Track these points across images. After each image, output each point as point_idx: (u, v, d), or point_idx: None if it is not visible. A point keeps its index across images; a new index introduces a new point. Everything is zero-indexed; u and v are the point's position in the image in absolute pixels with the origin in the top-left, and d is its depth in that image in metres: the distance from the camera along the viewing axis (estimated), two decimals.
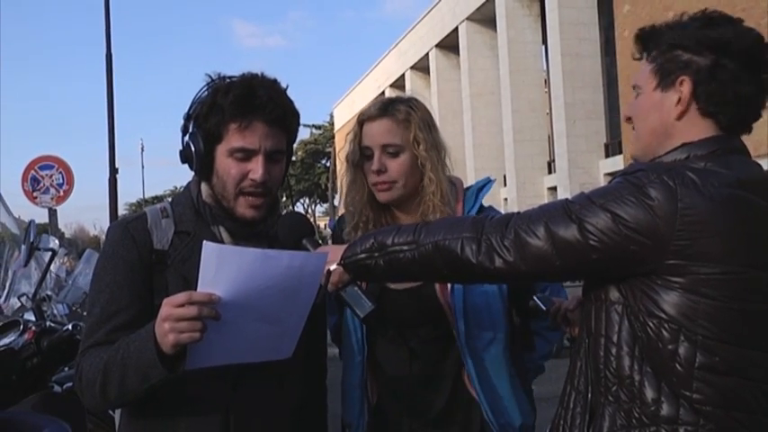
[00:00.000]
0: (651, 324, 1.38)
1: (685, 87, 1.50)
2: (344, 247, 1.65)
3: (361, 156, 2.07)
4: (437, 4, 31.25)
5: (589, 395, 1.50)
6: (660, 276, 1.37)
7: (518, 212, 1.51)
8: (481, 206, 2.10)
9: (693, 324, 1.36)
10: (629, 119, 1.62)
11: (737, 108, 1.50)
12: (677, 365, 1.37)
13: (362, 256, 1.60)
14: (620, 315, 1.44)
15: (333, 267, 1.63)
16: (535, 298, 1.88)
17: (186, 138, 1.75)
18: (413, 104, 2.06)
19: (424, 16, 32.85)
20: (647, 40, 1.59)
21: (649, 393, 1.40)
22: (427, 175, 2.03)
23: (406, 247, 1.55)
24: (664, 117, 1.53)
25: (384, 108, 2.05)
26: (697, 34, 1.50)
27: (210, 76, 1.75)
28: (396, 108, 2.04)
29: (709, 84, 1.48)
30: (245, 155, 1.70)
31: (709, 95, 1.49)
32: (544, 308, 1.85)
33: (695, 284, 1.35)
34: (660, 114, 1.53)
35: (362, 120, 2.07)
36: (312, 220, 54.38)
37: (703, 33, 1.50)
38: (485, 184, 2.15)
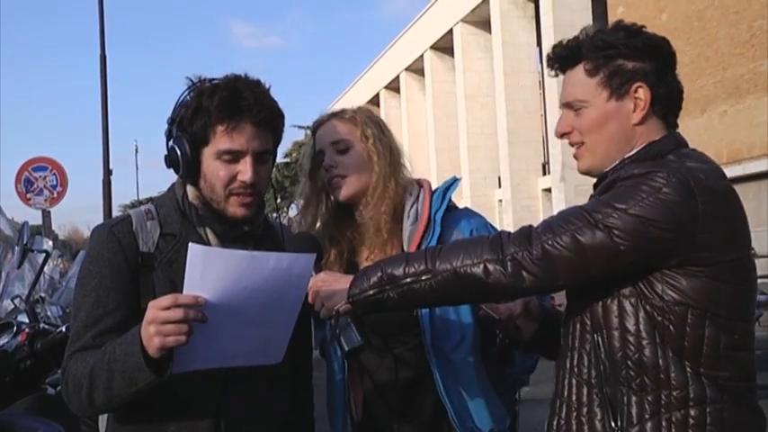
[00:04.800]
0: (678, 311, 1.45)
1: (643, 93, 1.57)
2: (348, 278, 1.64)
3: (314, 163, 2.10)
4: (432, 5, 31.27)
5: (605, 388, 1.52)
6: (683, 267, 1.45)
7: (532, 226, 1.53)
8: (451, 206, 2.10)
9: (717, 308, 1.45)
10: (565, 135, 1.66)
11: (678, 104, 1.62)
12: (705, 347, 1.45)
13: (372, 291, 1.58)
14: (635, 307, 1.48)
15: (340, 306, 1.62)
16: (484, 307, 1.84)
17: (171, 142, 1.75)
18: (359, 108, 2.14)
19: (419, 18, 32.85)
20: (569, 54, 1.63)
21: (676, 378, 1.46)
22: (375, 169, 2.05)
23: (423, 277, 1.54)
24: (623, 124, 1.59)
25: (333, 113, 2.13)
26: (631, 42, 1.58)
27: (191, 79, 1.74)
28: (344, 111, 2.13)
29: (659, 86, 1.57)
30: (234, 157, 1.70)
31: (662, 97, 1.58)
32: (496, 317, 1.82)
33: (717, 271, 1.45)
34: (619, 122, 1.59)
35: (314, 128, 2.13)
36: None
37: (638, 41, 1.58)
38: (451, 184, 2.15)
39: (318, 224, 2.13)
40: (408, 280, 1.55)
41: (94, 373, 1.56)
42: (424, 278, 1.54)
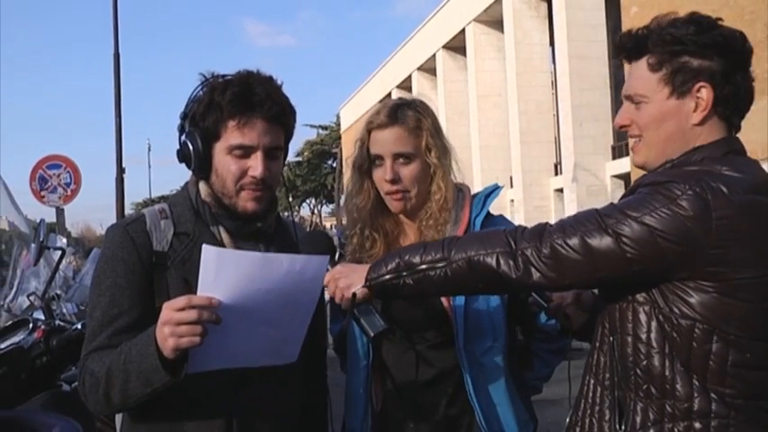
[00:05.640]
0: (684, 324, 1.43)
1: (706, 93, 1.52)
2: (365, 267, 1.66)
3: (369, 163, 2.06)
4: (444, 5, 31.24)
5: (616, 391, 1.53)
6: (694, 280, 1.42)
7: (549, 224, 1.53)
8: (489, 213, 2.09)
9: (727, 325, 1.41)
10: (624, 127, 1.62)
11: (747, 104, 1.56)
12: (711, 363, 1.43)
13: (389, 276, 1.60)
14: (648, 315, 1.47)
15: (358, 289, 1.63)
16: (534, 294, 1.85)
17: (183, 137, 1.75)
18: (421, 110, 2.05)
19: (432, 17, 32.83)
20: (635, 46, 1.59)
21: (682, 389, 1.44)
22: (436, 182, 2.03)
23: (439, 265, 1.56)
24: (682, 124, 1.54)
25: (393, 115, 2.02)
26: (700, 39, 1.52)
27: (204, 75, 1.75)
28: (405, 114, 2.02)
29: (725, 87, 1.52)
30: (245, 152, 1.70)
31: (727, 98, 1.52)
32: (546, 305, 1.84)
33: (730, 289, 1.41)
34: (678, 122, 1.55)
35: (371, 127, 2.05)
36: (318, 220, 54.38)
37: (707, 37, 1.52)
38: (492, 191, 2.13)
39: (361, 213, 2.11)
40: (424, 267, 1.57)
41: (111, 374, 1.57)
42: (439, 266, 1.56)
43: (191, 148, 1.72)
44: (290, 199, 2.22)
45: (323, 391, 2.00)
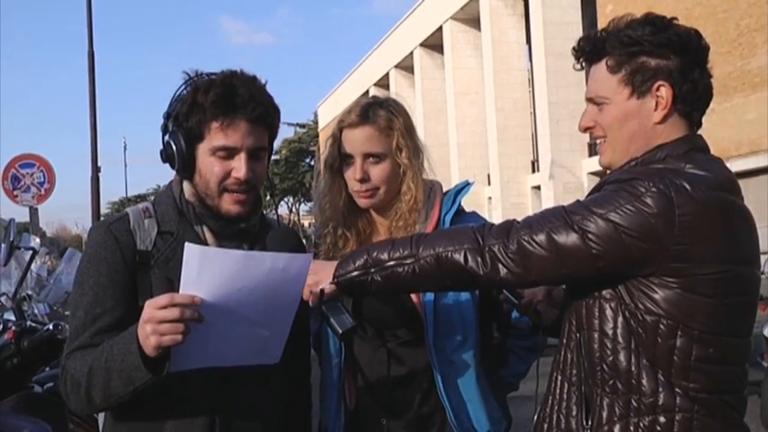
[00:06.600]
0: (649, 320, 1.45)
1: (665, 92, 1.55)
2: (334, 264, 1.66)
3: (340, 161, 2.06)
4: (421, 2, 31.27)
5: (583, 387, 1.54)
6: (658, 277, 1.44)
7: (516, 221, 1.55)
8: (460, 210, 2.10)
9: (691, 320, 1.44)
10: (588, 129, 1.66)
11: (705, 101, 1.59)
12: (675, 358, 1.45)
13: (356, 273, 1.61)
14: (614, 311, 1.49)
15: (325, 286, 1.63)
16: (505, 291, 1.86)
17: (167, 137, 1.74)
18: (393, 109, 2.04)
19: (409, 15, 32.86)
20: (593, 49, 1.62)
21: (647, 384, 1.47)
22: (407, 182, 2.04)
23: (407, 261, 1.57)
24: (643, 123, 1.58)
25: (364, 115, 2.02)
26: (656, 39, 1.55)
27: (188, 73, 1.74)
28: (377, 114, 2.02)
29: (683, 84, 1.55)
30: (228, 153, 1.70)
31: (686, 95, 1.56)
32: (517, 302, 1.85)
33: (693, 284, 1.43)
34: (639, 121, 1.58)
35: (342, 126, 2.05)
36: (296, 218, 54.25)
37: (663, 37, 1.55)
38: (463, 187, 2.14)
39: (333, 212, 2.10)
40: (392, 263, 1.58)
41: (92, 373, 1.56)
42: (407, 262, 1.57)
43: (174, 148, 1.72)
44: (269, 197, 2.21)
45: (306, 391, 1.99)
